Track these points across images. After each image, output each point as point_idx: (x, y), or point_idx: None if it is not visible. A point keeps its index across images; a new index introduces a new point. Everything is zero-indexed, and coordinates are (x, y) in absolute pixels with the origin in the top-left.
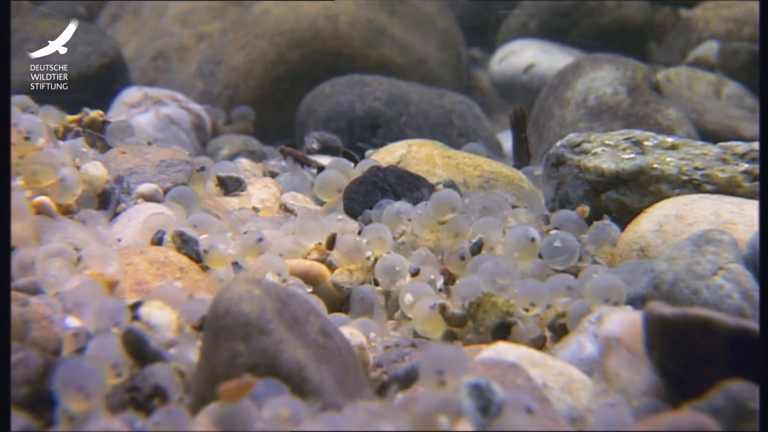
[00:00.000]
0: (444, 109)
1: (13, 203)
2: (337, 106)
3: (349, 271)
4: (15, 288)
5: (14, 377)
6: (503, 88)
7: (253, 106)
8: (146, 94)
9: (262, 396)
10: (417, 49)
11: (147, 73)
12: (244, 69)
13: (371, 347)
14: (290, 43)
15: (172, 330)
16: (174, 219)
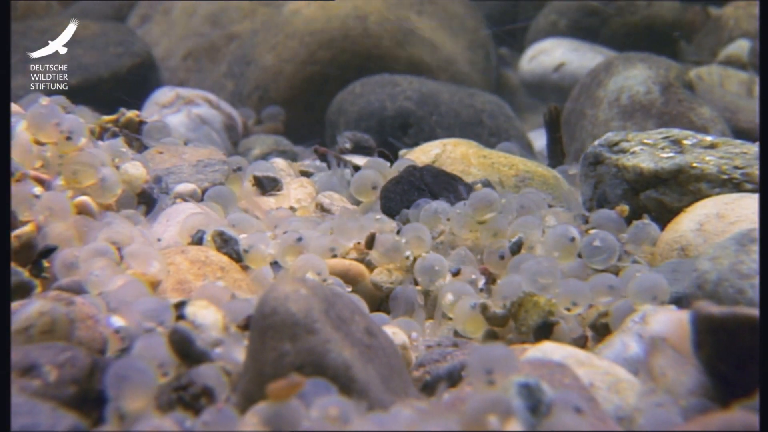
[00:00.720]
0: (475, 108)
1: (56, 203)
2: (367, 106)
3: (389, 271)
4: (58, 287)
5: (62, 376)
6: (533, 87)
7: (283, 106)
8: (178, 94)
9: (310, 395)
10: (446, 48)
11: (177, 73)
12: (274, 69)
13: (413, 347)
14: (320, 44)
15: (218, 329)
16: (213, 219)
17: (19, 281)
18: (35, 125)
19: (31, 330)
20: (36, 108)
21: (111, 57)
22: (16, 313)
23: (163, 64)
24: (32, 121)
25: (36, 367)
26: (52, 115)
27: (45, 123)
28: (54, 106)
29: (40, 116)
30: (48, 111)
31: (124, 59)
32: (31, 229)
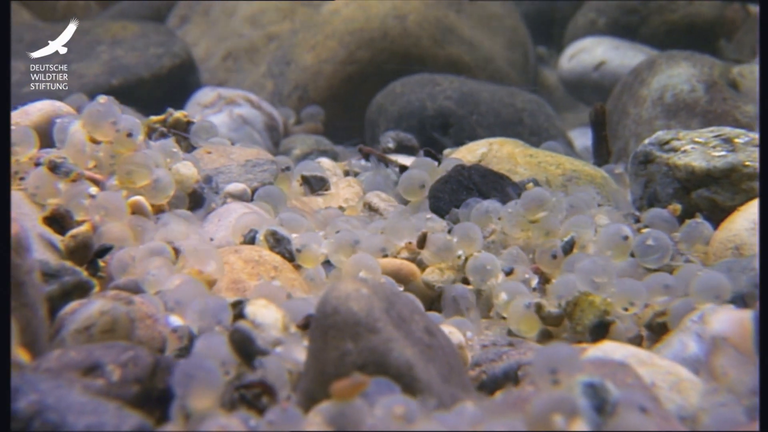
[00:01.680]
0: (515, 107)
1: (112, 202)
2: (408, 105)
3: (440, 270)
4: (115, 286)
5: (125, 376)
6: (573, 85)
7: (323, 105)
8: (220, 94)
9: (374, 395)
10: (485, 47)
11: (217, 73)
12: (313, 69)
13: (469, 346)
14: (360, 43)
15: (278, 329)
16: (265, 218)
17: (78, 280)
18: (92, 124)
19: (92, 329)
20: (93, 106)
21: (151, 58)
22: (76, 312)
23: (202, 65)
24: (89, 119)
25: (99, 366)
26: (109, 114)
27: (102, 122)
28: (111, 105)
29: (97, 115)
30: (105, 109)
31: (165, 60)
32: (87, 229)
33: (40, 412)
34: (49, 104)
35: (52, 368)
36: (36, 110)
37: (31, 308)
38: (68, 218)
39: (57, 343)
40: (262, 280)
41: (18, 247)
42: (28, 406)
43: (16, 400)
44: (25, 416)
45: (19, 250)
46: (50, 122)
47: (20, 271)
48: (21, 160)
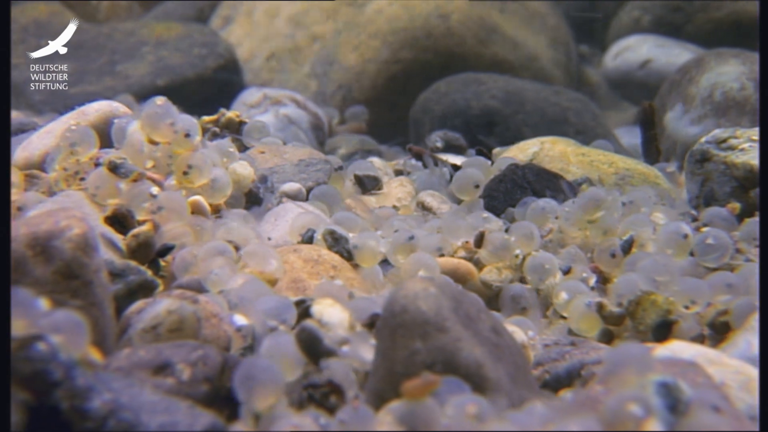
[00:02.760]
0: (560, 106)
1: (174, 202)
2: (453, 105)
3: (498, 269)
4: (178, 285)
5: (194, 375)
6: (618, 84)
7: (366, 105)
8: (266, 94)
9: (444, 394)
10: (528, 46)
11: (260, 74)
12: (357, 69)
13: (531, 345)
14: (403, 43)
15: (344, 327)
16: (322, 218)
17: (143, 280)
18: (150, 125)
19: (160, 328)
20: (151, 107)
21: (196, 58)
22: (143, 311)
23: (245, 65)
24: (147, 120)
25: (169, 365)
26: (167, 115)
27: (160, 122)
28: (169, 106)
29: (155, 116)
30: (163, 110)
31: (209, 60)
32: (149, 228)
33: (114, 411)
34: (106, 104)
35: (122, 367)
36: (93, 111)
37: (99, 307)
38: (130, 218)
39: (124, 343)
40: (323, 280)
41: (86, 247)
42: (103, 405)
43: (90, 399)
44: (99, 415)
45: (87, 249)
46: (107, 122)
47: (88, 271)
48: (81, 160)
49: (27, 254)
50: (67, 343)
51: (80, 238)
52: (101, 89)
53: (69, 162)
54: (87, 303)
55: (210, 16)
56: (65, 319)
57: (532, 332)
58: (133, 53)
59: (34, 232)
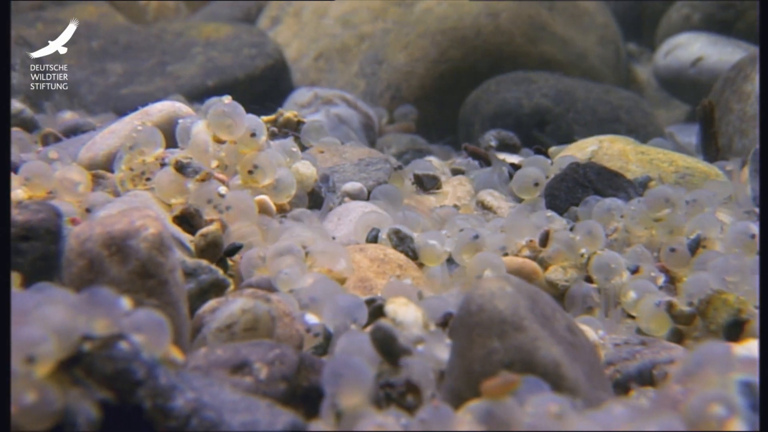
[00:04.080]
0: (611, 105)
1: (242, 202)
2: (503, 104)
3: (563, 268)
4: (248, 285)
5: (272, 373)
6: (669, 82)
7: (415, 104)
8: (316, 94)
9: (523, 393)
10: (577, 44)
11: (309, 74)
12: (406, 68)
13: (601, 345)
14: (452, 42)
15: (419, 326)
16: (386, 217)
17: (215, 279)
18: (217, 124)
19: (235, 327)
20: (218, 107)
21: (245, 59)
22: (217, 310)
23: (294, 65)
24: (214, 120)
25: (247, 364)
26: (234, 114)
27: (227, 122)
28: (236, 105)
29: (223, 115)
30: (230, 110)
31: (258, 61)
32: (217, 228)
33: (197, 410)
34: (169, 105)
35: (200, 366)
36: (157, 111)
37: (174, 306)
38: (198, 217)
39: (199, 342)
40: (392, 279)
41: (161, 246)
42: (186, 404)
43: (173, 398)
44: (183, 414)
45: (162, 248)
46: (171, 122)
47: (164, 270)
48: (147, 160)
49: (103, 254)
50: (149, 343)
51: (155, 238)
52: (152, 90)
53: (135, 162)
54: (162, 302)
55: (257, 17)
56: (147, 318)
57: (602, 331)
58: (183, 54)
59: (109, 232)
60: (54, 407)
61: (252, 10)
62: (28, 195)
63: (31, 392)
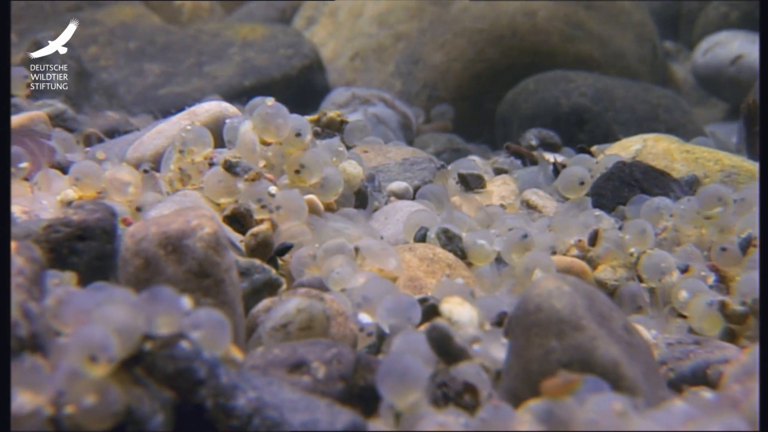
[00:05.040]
0: (650, 103)
1: (292, 201)
2: (542, 103)
3: (612, 268)
4: (300, 284)
5: (329, 373)
6: (708, 80)
7: (452, 104)
8: (354, 94)
9: (583, 392)
10: (614, 43)
11: (345, 73)
12: (442, 67)
13: (654, 344)
14: (489, 41)
15: (474, 326)
16: (434, 216)
17: (268, 278)
18: (262, 125)
19: (290, 327)
20: (263, 108)
21: (282, 59)
22: (272, 309)
23: (329, 65)
24: (259, 121)
25: (305, 363)
26: (278, 115)
27: (272, 122)
28: (281, 106)
29: (267, 116)
30: (275, 111)
31: (294, 61)
32: (268, 227)
33: (259, 409)
34: (216, 105)
35: (258, 365)
36: (203, 111)
37: (230, 306)
38: (248, 217)
39: (254, 341)
40: (444, 278)
41: (217, 245)
42: (248, 403)
43: (235, 397)
44: (245, 413)
45: (218, 248)
46: (217, 122)
47: (220, 269)
48: (196, 160)
49: (159, 253)
50: (210, 342)
51: (211, 237)
52: (189, 90)
53: (184, 162)
54: (218, 301)
55: (292, 17)
56: (208, 317)
57: (655, 331)
58: (219, 54)
59: (165, 232)
60: (116, 407)
61: (287, 11)
62: (78, 195)
63: (93, 393)
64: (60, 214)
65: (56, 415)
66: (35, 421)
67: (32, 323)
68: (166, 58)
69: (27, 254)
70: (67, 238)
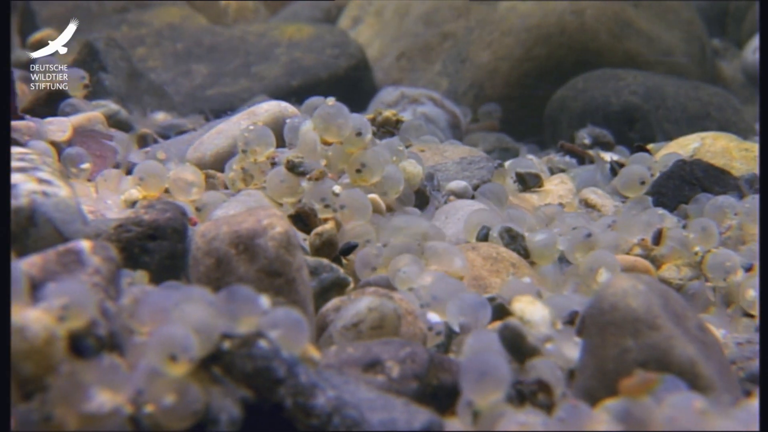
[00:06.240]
0: (701, 101)
1: (357, 200)
2: (591, 101)
3: (677, 267)
4: (367, 283)
5: (403, 372)
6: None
7: (499, 103)
8: (403, 93)
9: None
10: (662, 41)
11: (391, 73)
12: (489, 66)
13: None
14: (537, 40)
15: (546, 325)
16: (495, 215)
17: (336, 277)
18: (323, 125)
19: (361, 326)
20: (324, 108)
21: (328, 59)
22: (342, 309)
23: (375, 65)
24: (320, 120)
25: (379, 362)
26: (340, 115)
27: (333, 122)
28: (341, 106)
29: (328, 116)
30: (336, 110)
31: (341, 61)
32: (332, 227)
33: (338, 408)
34: (275, 105)
35: (333, 364)
36: (263, 111)
37: (301, 305)
38: (313, 216)
39: (324, 340)
40: (511, 277)
41: (288, 245)
42: (328, 402)
43: (314, 396)
44: (324, 412)
45: (290, 247)
46: (277, 122)
47: (291, 268)
48: (259, 160)
49: (230, 253)
50: (288, 341)
51: (283, 236)
52: (237, 90)
53: (247, 161)
54: (290, 300)
55: (337, 17)
56: (286, 316)
57: (724, 330)
58: (266, 55)
59: (236, 231)
60: (196, 406)
61: (332, 11)
62: (142, 195)
63: (172, 392)
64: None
65: (136, 414)
66: (115, 421)
67: (110, 322)
68: (213, 59)
69: (103, 253)
70: (139, 237)
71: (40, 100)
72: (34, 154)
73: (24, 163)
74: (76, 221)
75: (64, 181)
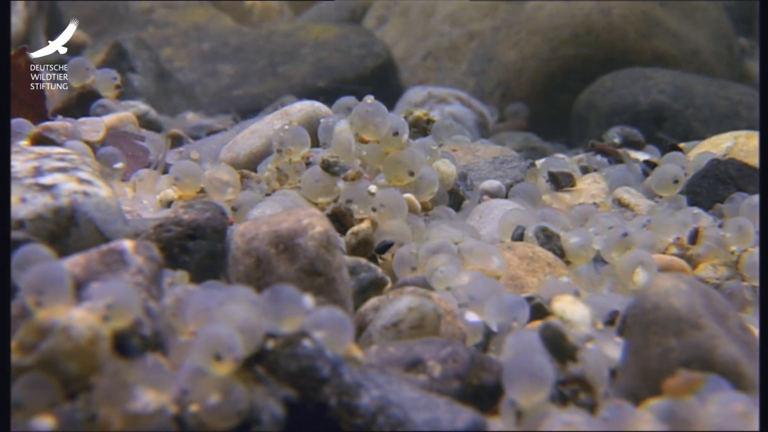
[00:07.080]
0: (730, 100)
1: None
2: (620, 101)
3: (713, 266)
4: (404, 283)
5: (445, 371)
6: None
7: (525, 102)
8: (430, 93)
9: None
10: (690, 39)
11: (417, 72)
12: (516, 66)
13: None
14: (564, 39)
15: (587, 324)
16: (530, 215)
17: (374, 277)
18: (361, 124)
19: (401, 325)
20: (362, 106)
21: (354, 59)
22: (382, 308)
23: (402, 64)
24: (358, 119)
25: (421, 362)
26: (378, 113)
27: (371, 121)
28: (380, 105)
29: (366, 114)
30: (374, 109)
31: (367, 60)
32: (368, 226)
33: (383, 408)
34: (309, 105)
35: (374, 364)
36: (296, 111)
37: (342, 304)
38: (349, 216)
39: (364, 340)
40: (549, 277)
41: (328, 244)
42: (372, 401)
43: (359, 396)
44: (369, 412)
45: (330, 246)
46: (310, 122)
47: (331, 268)
48: (294, 159)
49: (270, 252)
50: (332, 340)
51: (323, 236)
52: (264, 90)
53: (282, 161)
54: (330, 300)
55: (363, 17)
56: (330, 316)
57: None
58: (293, 55)
59: (276, 231)
60: (241, 405)
61: (357, 11)
62: (178, 194)
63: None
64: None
65: (181, 413)
66: (160, 420)
67: (154, 322)
68: (239, 59)
69: (146, 253)
70: (178, 237)
71: (72, 101)
72: (74, 154)
73: (64, 163)
74: (116, 221)
75: (104, 181)
